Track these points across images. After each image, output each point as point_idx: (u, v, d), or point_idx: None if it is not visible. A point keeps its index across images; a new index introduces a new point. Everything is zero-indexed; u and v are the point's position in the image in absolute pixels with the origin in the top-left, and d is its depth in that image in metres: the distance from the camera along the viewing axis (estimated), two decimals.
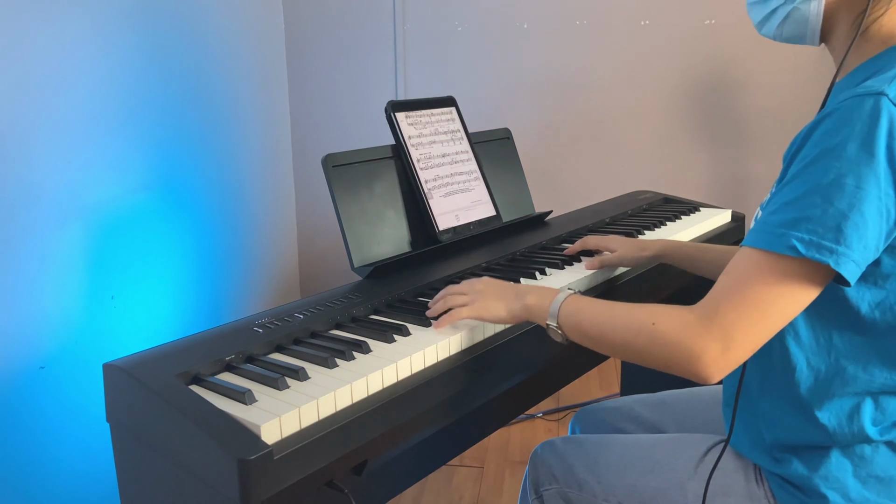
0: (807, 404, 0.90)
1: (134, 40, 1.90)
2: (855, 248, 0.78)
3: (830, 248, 0.77)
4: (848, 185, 0.77)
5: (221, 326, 1.07)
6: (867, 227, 0.77)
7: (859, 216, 0.77)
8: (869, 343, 0.86)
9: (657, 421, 1.25)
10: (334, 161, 1.32)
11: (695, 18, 2.51)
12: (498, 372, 1.11)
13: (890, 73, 0.82)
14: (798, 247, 0.78)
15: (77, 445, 1.71)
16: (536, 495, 1.13)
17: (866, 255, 0.79)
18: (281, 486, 0.80)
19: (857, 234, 0.77)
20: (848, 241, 0.77)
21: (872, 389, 0.87)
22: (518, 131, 1.81)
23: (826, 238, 0.78)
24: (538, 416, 2.39)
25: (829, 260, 0.77)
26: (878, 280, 0.83)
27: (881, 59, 0.88)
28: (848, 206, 0.77)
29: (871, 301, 0.85)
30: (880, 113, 0.77)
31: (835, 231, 0.77)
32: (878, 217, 0.78)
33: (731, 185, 2.60)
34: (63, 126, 1.66)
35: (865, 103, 0.78)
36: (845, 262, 0.78)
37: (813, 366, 0.89)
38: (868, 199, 0.77)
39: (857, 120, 0.78)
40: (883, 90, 0.78)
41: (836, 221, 0.77)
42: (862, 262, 0.79)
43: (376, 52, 2.76)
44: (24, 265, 1.57)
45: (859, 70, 0.90)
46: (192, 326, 2.17)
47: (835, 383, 0.88)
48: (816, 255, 0.78)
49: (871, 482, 0.89)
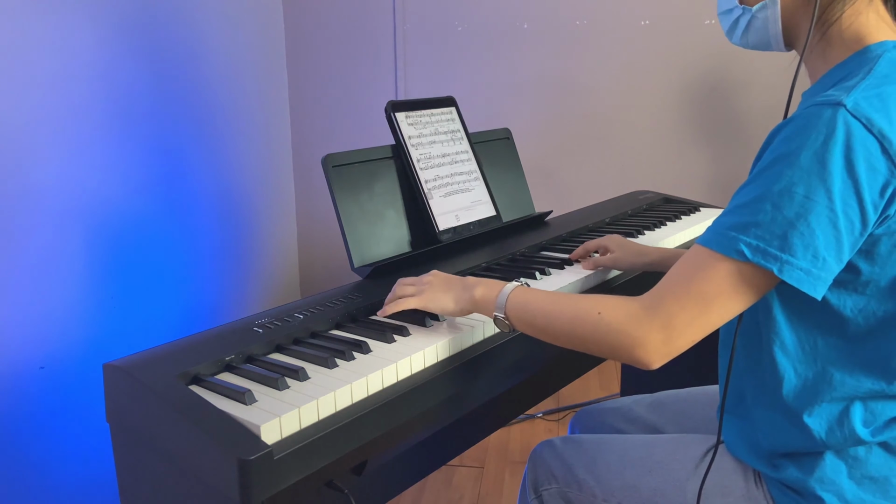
0: (797, 411, 0.90)
1: (134, 40, 1.90)
2: (801, 257, 0.78)
3: (775, 255, 0.79)
4: (797, 195, 0.78)
5: (221, 326, 1.07)
6: (814, 237, 0.78)
7: (805, 226, 0.78)
8: (854, 348, 0.87)
9: (656, 421, 1.25)
10: (334, 161, 1.32)
11: (695, 18, 2.51)
12: (497, 372, 1.11)
13: (851, 82, 0.82)
14: (745, 251, 0.80)
15: (77, 445, 1.71)
16: (536, 495, 1.13)
17: (821, 264, 0.79)
18: (281, 486, 0.80)
19: (803, 243, 0.78)
20: (793, 249, 0.78)
21: (860, 394, 0.87)
22: (518, 131, 1.81)
23: (772, 245, 0.79)
24: (538, 416, 2.39)
25: (773, 267, 0.79)
26: (859, 287, 0.84)
27: (846, 65, 0.88)
28: (795, 216, 0.78)
29: (853, 307, 0.85)
30: (836, 124, 0.77)
31: (780, 239, 0.78)
32: (830, 227, 0.78)
33: (731, 185, 2.60)
34: (63, 126, 1.67)
35: (824, 113, 0.78)
36: (789, 270, 0.78)
37: (800, 373, 0.90)
38: (816, 210, 0.77)
39: (812, 129, 0.78)
40: (841, 100, 0.78)
41: (782, 229, 0.78)
42: (817, 271, 0.79)
43: (376, 52, 2.76)
44: (25, 265, 1.57)
45: (827, 77, 0.90)
46: (192, 326, 2.17)
47: (823, 389, 0.89)
48: (762, 261, 0.79)
49: (866, 483, 0.90)
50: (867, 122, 0.77)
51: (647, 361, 0.86)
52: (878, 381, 0.86)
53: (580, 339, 0.91)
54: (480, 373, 1.06)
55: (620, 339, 0.86)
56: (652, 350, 0.85)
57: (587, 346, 0.91)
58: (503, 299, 0.99)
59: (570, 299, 0.94)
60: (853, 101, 0.78)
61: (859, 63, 0.86)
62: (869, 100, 0.79)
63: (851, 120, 0.77)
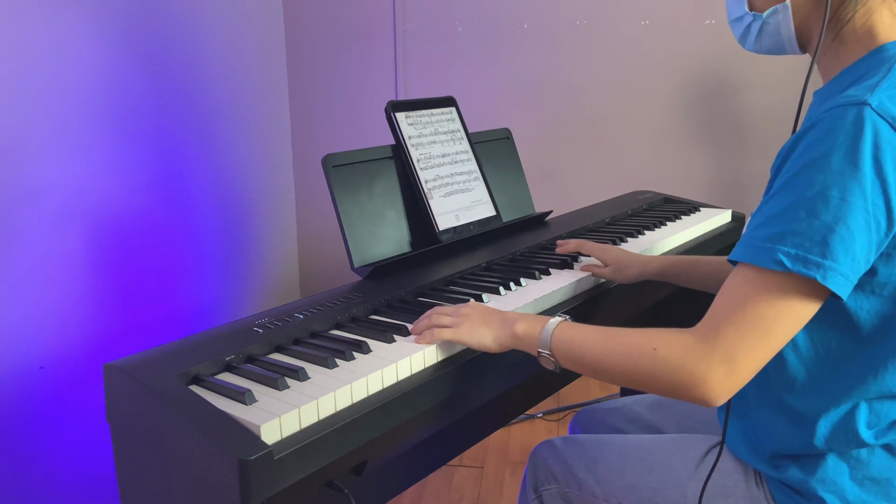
0: (803, 414, 0.90)
1: (134, 40, 1.90)
2: (842, 262, 0.76)
3: (817, 262, 0.76)
4: (833, 198, 0.76)
5: (221, 326, 1.07)
6: (854, 240, 0.76)
7: (845, 229, 0.76)
8: (866, 350, 0.86)
9: (656, 421, 1.25)
10: (334, 161, 1.32)
11: (695, 18, 2.51)
12: (498, 372, 1.11)
13: (872, 81, 0.81)
14: (784, 261, 0.77)
15: (77, 445, 1.71)
16: (536, 495, 1.13)
17: (856, 267, 0.78)
18: (281, 486, 0.80)
19: (844, 246, 0.76)
20: (834, 254, 0.76)
21: (868, 396, 0.87)
22: (518, 131, 1.81)
23: (812, 252, 0.76)
24: (538, 416, 2.39)
25: (816, 274, 0.76)
26: (876, 289, 0.83)
27: (862, 64, 0.87)
28: (833, 219, 0.76)
29: (869, 309, 0.84)
30: (864, 123, 0.76)
31: (821, 245, 0.76)
32: (866, 228, 0.77)
33: (731, 185, 2.60)
34: (63, 126, 1.67)
35: (848, 114, 0.77)
36: (832, 276, 0.76)
37: (812, 375, 0.89)
38: (853, 212, 0.76)
39: (840, 131, 0.77)
40: (865, 99, 0.77)
41: (821, 234, 0.76)
42: (852, 275, 0.78)
43: (376, 52, 2.76)
44: (25, 265, 1.57)
45: (842, 76, 0.89)
46: (193, 326, 2.17)
47: (831, 392, 0.88)
48: (803, 269, 0.77)
49: (868, 484, 0.89)
50: (893, 120, 0.77)
51: (711, 399, 0.81)
52: (885, 383, 0.86)
53: (635, 378, 0.86)
54: (480, 373, 1.06)
55: (681, 377, 0.81)
56: (716, 385, 0.80)
57: (645, 386, 0.87)
58: (547, 336, 0.94)
59: (621, 335, 0.90)
60: (878, 100, 0.77)
61: (877, 62, 0.85)
62: (893, 98, 0.78)
63: (878, 119, 0.76)
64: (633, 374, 0.86)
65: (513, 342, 0.99)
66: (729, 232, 1.75)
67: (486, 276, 1.32)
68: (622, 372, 0.88)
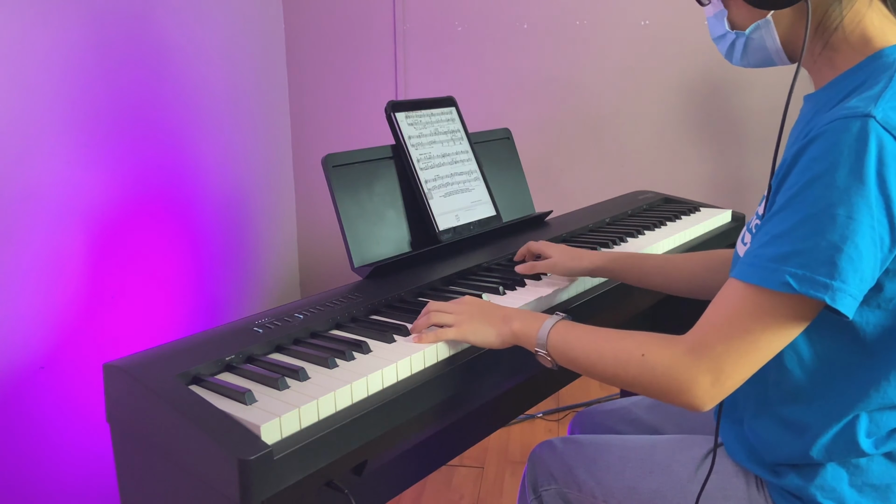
0: (803, 424, 0.89)
1: (134, 40, 1.90)
2: (851, 282, 0.74)
3: (825, 283, 0.74)
4: (840, 216, 0.74)
5: (221, 326, 1.07)
6: (862, 259, 0.74)
7: (853, 248, 0.74)
8: (869, 363, 0.85)
9: (656, 422, 1.25)
10: (334, 161, 1.32)
11: (695, 18, 2.51)
12: (498, 372, 1.11)
13: (874, 91, 0.78)
14: (791, 283, 0.75)
15: (77, 445, 1.71)
16: (535, 495, 1.13)
17: (863, 287, 0.76)
18: (281, 486, 0.80)
19: (853, 266, 0.74)
20: (843, 274, 0.74)
21: (869, 407, 0.86)
22: (518, 131, 1.81)
23: (819, 273, 0.74)
24: (538, 416, 2.39)
25: (824, 296, 0.74)
26: (882, 303, 0.81)
27: (861, 71, 0.84)
28: (840, 238, 0.74)
29: (875, 323, 0.83)
30: (868, 137, 0.73)
31: (828, 265, 0.74)
32: (872, 246, 0.74)
33: (731, 185, 2.60)
34: (63, 126, 1.67)
35: (852, 126, 0.74)
36: (842, 298, 0.75)
37: (813, 386, 0.88)
38: (861, 230, 0.74)
39: (844, 145, 0.74)
40: (869, 111, 0.74)
41: (829, 255, 0.74)
42: (859, 294, 0.76)
43: (376, 52, 2.76)
44: (24, 265, 1.57)
45: (838, 83, 0.86)
46: (192, 326, 2.17)
47: (833, 403, 0.87)
48: (811, 291, 0.75)
49: (867, 490, 0.89)
50: None
51: (697, 405, 0.83)
52: (887, 394, 0.85)
53: (626, 381, 0.88)
54: (480, 373, 1.06)
55: (668, 383, 0.83)
56: (702, 394, 0.81)
57: (634, 389, 0.88)
58: (544, 336, 0.95)
59: (612, 339, 0.91)
60: (882, 111, 0.75)
61: (877, 69, 0.82)
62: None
63: (882, 132, 0.74)
64: (623, 377, 0.88)
65: (513, 339, 1.00)
66: (729, 232, 1.75)
67: (486, 276, 1.32)
68: (613, 375, 0.90)
